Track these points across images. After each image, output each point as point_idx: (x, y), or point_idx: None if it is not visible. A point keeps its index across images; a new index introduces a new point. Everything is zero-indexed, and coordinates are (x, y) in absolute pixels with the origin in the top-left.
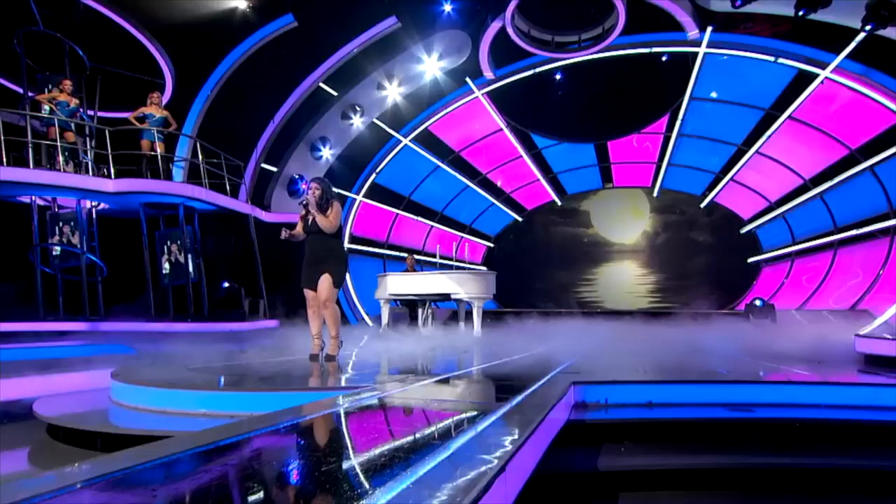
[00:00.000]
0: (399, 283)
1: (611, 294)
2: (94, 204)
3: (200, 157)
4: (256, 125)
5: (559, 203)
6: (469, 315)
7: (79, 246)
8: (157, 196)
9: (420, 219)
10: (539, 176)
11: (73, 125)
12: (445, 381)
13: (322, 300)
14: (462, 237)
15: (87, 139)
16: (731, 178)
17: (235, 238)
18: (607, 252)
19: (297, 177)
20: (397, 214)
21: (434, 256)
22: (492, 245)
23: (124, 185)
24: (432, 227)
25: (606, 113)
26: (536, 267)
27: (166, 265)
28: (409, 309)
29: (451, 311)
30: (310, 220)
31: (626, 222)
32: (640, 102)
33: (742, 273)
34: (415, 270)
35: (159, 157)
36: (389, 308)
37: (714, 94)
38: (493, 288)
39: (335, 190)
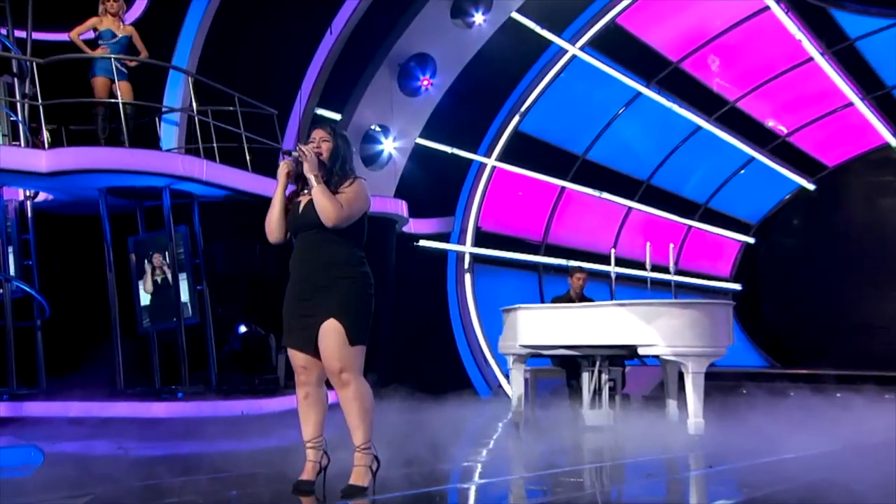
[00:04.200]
0: (540, 325)
1: None
2: (28, 194)
3: (195, 105)
4: (300, 43)
5: None
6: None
7: (1, 268)
8: (126, 176)
9: (606, 196)
10: (853, 97)
11: (13, 62)
12: None
13: (334, 372)
14: (689, 227)
15: (16, 81)
16: None
17: (263, 245)
18: None
19: (376, 129)
20: (563, 189)
21: (640, 267)
22: (751, 241)
23: (65, 158)
24: (630, 210)
25: None
26: (850, 283)
27: (146, 295)
28: (566, 371)
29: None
30: (301, 205)
31: None
32: None
33: None
34: (584, 298)
35: (120, 105)
36: (529, 371)
37: None
38: (727, 334)
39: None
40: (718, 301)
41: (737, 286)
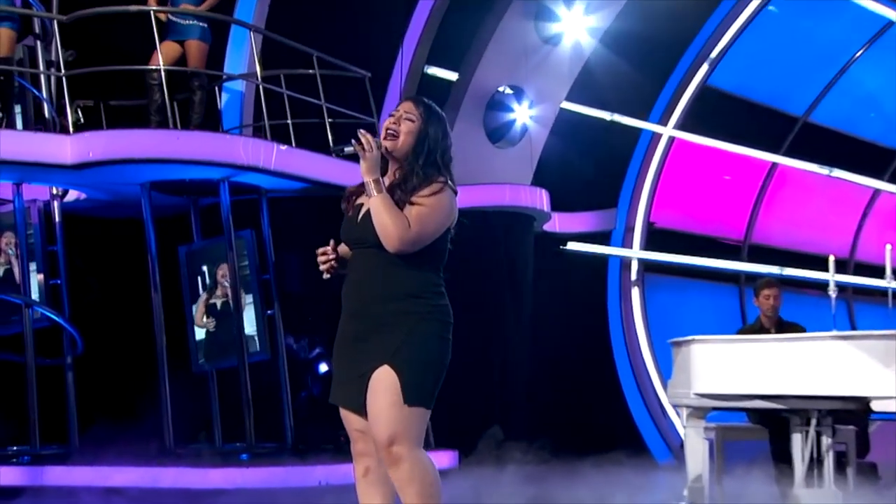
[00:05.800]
0: (724, 365)
1: None
2: (56, 192)
3: (259, 71)
4: None
5: None
6: None
7: (22, 290)
8: (173, 167)
9: (840, 174)
10: None
11: (35, 22)
12: None
13: (381, 442)
14: None
15: (41, 46)
16: None
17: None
18: None
19: (505, 91)
20: (774, 166)
21: (876, 276)
22: None
23: (95, 145)
24: (878, 193)
25: None
26: None
27: (204, 325)
28: (768, 431)
29: None
30: (361, 213)
31: None
32: None
33: None
34: (784, 325)
35: (162, 71)
36: (714, 430)
37: None
38: None
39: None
40: None
41: None
